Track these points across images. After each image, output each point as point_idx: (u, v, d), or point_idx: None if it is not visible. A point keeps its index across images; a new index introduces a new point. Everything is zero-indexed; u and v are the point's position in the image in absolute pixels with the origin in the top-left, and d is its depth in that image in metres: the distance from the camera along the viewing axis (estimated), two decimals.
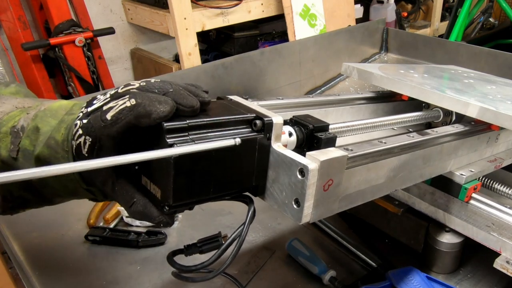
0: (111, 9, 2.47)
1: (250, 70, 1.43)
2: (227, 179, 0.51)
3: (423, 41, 1.73)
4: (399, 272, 0.80)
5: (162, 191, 0.48)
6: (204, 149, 0.45)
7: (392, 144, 0.63)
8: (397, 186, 0.67)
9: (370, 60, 1.84)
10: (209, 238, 0.61)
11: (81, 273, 0.87)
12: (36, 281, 0.83)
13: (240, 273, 0.85)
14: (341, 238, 0.93)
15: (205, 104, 0.50)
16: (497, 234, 0.74)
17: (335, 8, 2.31)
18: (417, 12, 3.24)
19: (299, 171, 0.49)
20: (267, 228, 0.99)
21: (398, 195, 0.88)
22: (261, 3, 2.23)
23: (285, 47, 1.53)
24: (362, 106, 0.88)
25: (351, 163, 0.56)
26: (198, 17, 2.03)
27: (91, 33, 2.05)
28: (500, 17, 3.48)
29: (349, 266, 0.88)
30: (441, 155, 0.74)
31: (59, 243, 0.95)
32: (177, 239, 0.96)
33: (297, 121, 0.58)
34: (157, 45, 2.72)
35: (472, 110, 0.75)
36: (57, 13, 1.98)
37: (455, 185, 0.81)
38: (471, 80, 1.03)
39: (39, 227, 0.97)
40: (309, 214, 0.51)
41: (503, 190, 0.87)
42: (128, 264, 0.89)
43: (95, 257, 0.91)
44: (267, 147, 0.52)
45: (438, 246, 0.84)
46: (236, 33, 2.37)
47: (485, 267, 0.85)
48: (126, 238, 0.93)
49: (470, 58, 1.56)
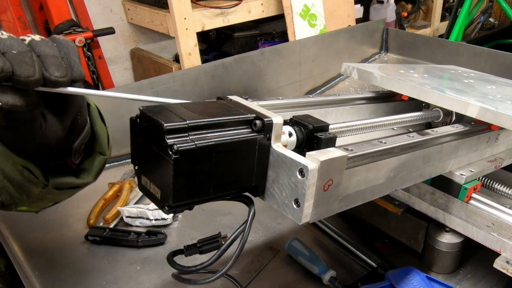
0: (111, 9, 2.47)
1: (250, 70, 1.43)
2: (227, 180, 0.51)
3: (423, 41, 1.73)
4: (399, 272, 0.80)
5: (162, 191, 0.49)
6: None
7: (392, 144, 0.63)
8: (397, 186, 0.67)
9: (370, 60, 1.84)
10: (209, 238, 0.61)
11: (81, 273, 0.87)
12: (36, 281, 0.83)
13: (243, 273, 0.85)
14: (341, 238, 0.93)
15: (75, 80, 0.46)
16: (497, 234, 0.74)
17: (335, 8, 2.31)
18: (417, 12, 3.24)
19: (299, 171, 0.49)
20: (267, 228, 0.99)
21: (398, 195, 0.88)
22: (261, 3, 2.23)
23: (285, 47, 1.53)
24: (362, 106, 0.88)
25: (351, 163, 0.56)
26: (198, 17, 2.03)
27: (91, 33, 2.04)
28: (500, 17, 3.48)
29: (349, 266, 0.88)
30: (441, 155, 0.74)
31: (59, 243, 0.94)
32: (177, 239, 0.96)
33: (297, 121, 0.58)
34: (157, 45, 2.72)
35: (472, 110, 0.75)
36: (57, 13, 1.98)
37: (455, 185, 0.81)
38: (471, 80, 1.03)
39: (39, 227, 0.97)
40: (309, 214, 0.51)
41: (503, 190, 0.87)
42: (128, 264, 0.89)
43: (95, 257, 0.91)
44: (267, 147, 0.52)
45: (438, 246, 0.84)
46: (236, 33, 2.37)
47: (485, 267, 0.85)
48: (126, 238, 0.93)
49: (470, 58, 1.56)
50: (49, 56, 0.45)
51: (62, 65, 0.46)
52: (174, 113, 0.49)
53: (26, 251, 0.90)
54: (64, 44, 0.48)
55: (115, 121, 0.58)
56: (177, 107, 0.51)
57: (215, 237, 0.61)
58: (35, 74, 0.43)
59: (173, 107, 0.51)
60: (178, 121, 0.46)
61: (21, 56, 0.43)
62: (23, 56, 0.43)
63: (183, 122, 0.46)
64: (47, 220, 0.99)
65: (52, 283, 0.83)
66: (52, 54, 0.46)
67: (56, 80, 0.45)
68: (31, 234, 0.96)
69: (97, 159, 0.60)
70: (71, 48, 0.49)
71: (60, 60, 0.46)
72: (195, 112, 0.50)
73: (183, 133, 0.46)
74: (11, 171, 0.51)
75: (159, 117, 0.47)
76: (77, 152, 0.55)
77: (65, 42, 0.49)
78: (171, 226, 0.99)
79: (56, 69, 0.45)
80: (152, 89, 1.23)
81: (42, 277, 0.84)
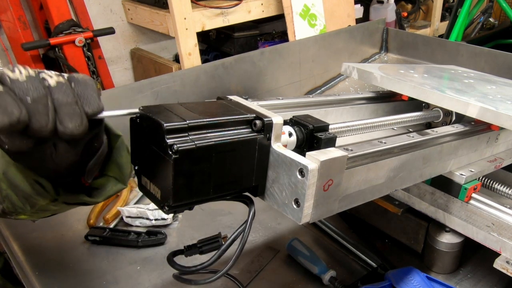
0: (111, 9, 2.47)
1: (250, 70, 1.43)
2: (227, 180, 0.51)
3: (423, 41, 1.73)
4: (399, 272, 0.80)
5: (162, 192, 0.49)
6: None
7: (392, 144, 0.63)
8: (397, 186, 0.67)
9: (370, 60, 1.84)
10: (209, 238, 0.61)
11: (81, 273, 0.87)
12: (36, 281, 0.83)
13: (243, 273, 0.85)
14: (341, 238, 0.93)
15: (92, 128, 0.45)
16: (497, 234, 0.74)
17: (335, 8, 2.31)
18: (417, 12, 3.24)
19: (299, 171, 0.49)
20: (267, 228, 0.99)
21: (398, 195, 0.87)
22: (261, 3, 2.22)
23: (285, 47, 1.53)
24: (362, 106, 0.88)
25: (351, 163, 0.56)
26: (198, 17, 2.03)
27: (91, 33, 2.04)
28: (500, 17, 3.48)
29: (349, 266, 0.88)
30: (441, 155, 0.74)
31: (59, 243, 0.94)
32: (177, 239, 0.96)
33: (297, 121, 0.58)
34: (157, 45, 2.72)
35: (472, 110, 0.75)
36: (57, 13, 1.98)
37: (455, 185, 0.81)
38: (471, 80, 1.03)
39: (39, 227, 0.97)
40: (309, 214, 0.51)
41: (503, 190, 0.87)
42: (128, 264, 0.89)
43: (95, 257, 0.91)
44: (267, 147, 0.52)
45: (438, 246, 0.84)
46: (236, 33, 2.37)
47: (485, 267, 0.85)
48: (126, 238, 0.93)
49: (470, 58, 1.56)
50: (63, 105, 0.44)
51: (76, 113, 0.45)
52: (174, 113, 0.48)
53: (26, 251, 0.90)
54: (81, 82, 0.47)
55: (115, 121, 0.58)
56: (177, 107, 0.51)
57: (215, 237, 0.61)
58: (47, 125, 0.43)
59: (173, 107, 0.51)
60: (178, 121, 0.46)
61: (36, 104, 0.42)
62: (37, 104, 0.42)
63: (183, 122, 0.46)
64: (47, 220, 0.99)
65: (52, 283, 0.83)
66: (65, 101, 0.45)
67: (71, 133, 0.44)
68: (31, 234, 0.96)
69: (115, 186, 0.59)
70: (89, 85, 0.48)
71: (74, 107, 0.45)
72: (195, 112, 0.50)
73: (183, 133, 0.46)
74: (22, 182, 0.51)
75: (159, 117, 0.47)
76: (90, 172, 0.55)
77: (83, 80, 0.48)
78: (171, 226, 0.99)
79: (70, 121, 0.44)
80: (152, 89, 1.23)
81: (42, 277, 0.84)
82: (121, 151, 0.59)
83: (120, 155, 0.59)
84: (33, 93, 0.42)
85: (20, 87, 0.42)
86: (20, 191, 0.52)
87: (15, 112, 0.40)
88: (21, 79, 0.43)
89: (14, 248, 0.91)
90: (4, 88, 0.41)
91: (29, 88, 0.43)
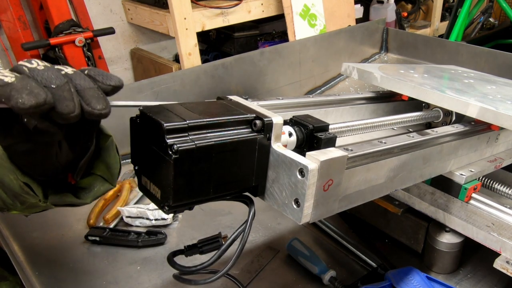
0: (111, 9, 2.47)
1: (250, 70, 1.43)
2: (227, 179, 0.51)
3: (423, 41, 1.73)
4: (399, 272, 0.80)
5: (162, 191, 0.48)
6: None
7: (392, 144, 0.63)
8: (397, 186, 0.67)
9: (370, 60, 1.84)
10: (209, 238, 0.61)
11: (81, 273, 0.87)
12: (36, 281, 0.83)
13: (243, 273, 0.85)
14: (341, 238, 0.93)
15: (101, 115, 0.45)
16: (497, 234, 0.74)
17: (335, 8, 2.31)
18: (417, 12, 3.24)
19: (299, 171, 0.49)
20: (267, 228, 0.99)
21: (398, 195, 0.88)
22: (261, 3, 2.23)
23: (285, 47, 1.53)
24: (362, 106, 0.88)
25: (351, 163, 0.56)
26: (198, 17, 2.03)
27: (91, 33, 2.04)
28: (500, 17, 3.48)
29: (349, 266, 0.88)
30: (441, 155, 0.74)
31: (59, 243, 0.94)
32: (177, 239, 0.96)
33: (297, 121, 0.58)
34: (157, 45, 2.72)
35: (472, 110, 0.75)
36: (57, 13, 1.98)
37: (455, 185, 0.81)
38: (471, 80, 1.03)
39: (39, 227, 0.97)
40: (309, 214, 0.51)
41: (503, 190, 0.87)
42: (128, 264, 0.89)
43: (95, 257, 0.91)
44: (267, 147, 0.52)
45: (438, 246, 0.84)
46: (236, 33, 2.37)
47: (485, 267, 0.85)
48: (126, 238, 0.93)
49: (470, 58, 1.56)
50: (87, 89, 0.45)
51: (101, 96, 0.45)
52: (174, 113, 0.48)
53: (26, 251, 0.90)
54: (91, 69, 0.48)
55: (115, 121, 0.58)
56: (177, 107, 0.51)
57: (215, 237, 0.61)
58: (75, 110, 0.43)
59: (173, 107, 0.51)
60: (178, 121, 0.46)
61: (60, 90, 0.42)
62: (62, 91, 0.42)
63: (183, 122, 0.46)
64: (47, 220, 0.99)
65: (52, 283, 0.83)
66: (88, 86, 0.45)
67: (99, 113, 0.44)
68: (31, 234, 0.96)
69: (103, 186, 0.60)
70: (99, 70, 0.48)
71: (98, 91, 0.45)
72: (195, 112, 0.50)
73: (183, 133, 0.46)
74: (11, 183, 0.51)
75: (159, 117, 0.47)
76: (80, 170, 0.56)
77: (92, 68, 0.48)
78: (171, 226, 1.00)
79: (97, 102, 0.44)
80: (152, 89, 1.23)
81: (42, 277, 0.84)
82: (110, 151, 0.59)
83: (108, 155, 0.59)
84: (55, 80, 0.42)
85: (41, 75, 0.42)
86: (10, 190, 0.52)
87: (41, 93, 0.40)
88: (40, 68, 0.43)
89: (14, 248, 0.91)
90: (26, 75, 0.42)
91: (50, 76, 0.43)
